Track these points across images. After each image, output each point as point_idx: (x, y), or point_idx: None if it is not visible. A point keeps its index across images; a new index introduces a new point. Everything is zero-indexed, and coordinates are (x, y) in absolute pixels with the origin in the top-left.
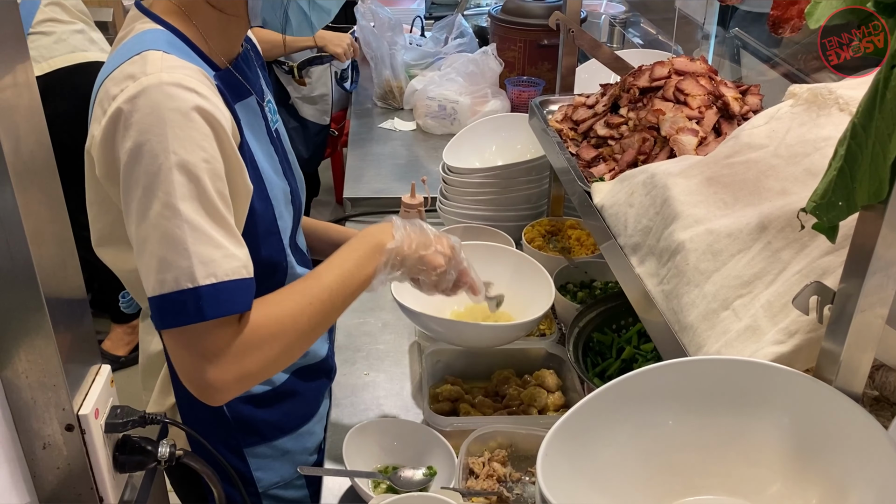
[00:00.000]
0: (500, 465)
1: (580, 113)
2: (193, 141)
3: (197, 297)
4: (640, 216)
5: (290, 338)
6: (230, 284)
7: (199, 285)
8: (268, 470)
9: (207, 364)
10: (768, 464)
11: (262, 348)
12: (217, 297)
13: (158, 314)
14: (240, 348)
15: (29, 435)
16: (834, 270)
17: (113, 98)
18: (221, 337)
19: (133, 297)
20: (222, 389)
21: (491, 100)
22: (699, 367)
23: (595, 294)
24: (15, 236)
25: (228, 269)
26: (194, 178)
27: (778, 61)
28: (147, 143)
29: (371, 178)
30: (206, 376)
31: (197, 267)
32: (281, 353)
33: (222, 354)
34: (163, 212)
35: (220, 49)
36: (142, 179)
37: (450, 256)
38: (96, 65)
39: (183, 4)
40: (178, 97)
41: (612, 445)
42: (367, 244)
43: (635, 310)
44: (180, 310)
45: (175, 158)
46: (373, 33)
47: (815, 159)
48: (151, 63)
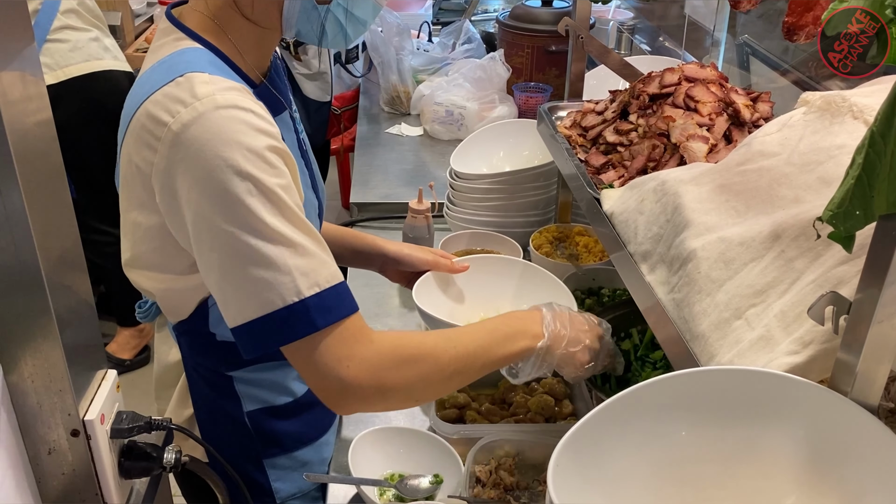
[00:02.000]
0: (508, 474)
1: (589, 119)
2: (261, 159)
3: (305, 309)
4: (651, 223)
5: (430, 368)
6: (333, 290)
7: (305, 297)
8: (286, 481)
9: (339, 368)
10: (783, 476)
11: (401, 367)
12: (324, 305)
13: (265, 335)
14: (378, 359)
15: (34, 440)
16: (849, 280)
17: (165, 124)
18: (353, 344)
19: (163, 311)
20: (360, 394)
21: (498, 105)
22: (713, 378)
23: (603, 301)
24: (23, 240)
25: (328, 275)
26: (273, 195)
27: (788, 68)
28: (217, 170)
29: (378, 183)
30: (340, 379)
31: (300, 279)
32: (419, 379)
33: (359, 360)
34: (250, 233)
35: (254, 63)
36: (219, 206)
37: (598, 350)
38: (110, 73)
39: (218, 18)
40: (237, 118)
41: (624, 456)
42: (518, 328)
43: (645, 318)
44: (292, 324)
45: (251, 179)
46: (380, 38)
47: (828, 167)
48: (200, 86)
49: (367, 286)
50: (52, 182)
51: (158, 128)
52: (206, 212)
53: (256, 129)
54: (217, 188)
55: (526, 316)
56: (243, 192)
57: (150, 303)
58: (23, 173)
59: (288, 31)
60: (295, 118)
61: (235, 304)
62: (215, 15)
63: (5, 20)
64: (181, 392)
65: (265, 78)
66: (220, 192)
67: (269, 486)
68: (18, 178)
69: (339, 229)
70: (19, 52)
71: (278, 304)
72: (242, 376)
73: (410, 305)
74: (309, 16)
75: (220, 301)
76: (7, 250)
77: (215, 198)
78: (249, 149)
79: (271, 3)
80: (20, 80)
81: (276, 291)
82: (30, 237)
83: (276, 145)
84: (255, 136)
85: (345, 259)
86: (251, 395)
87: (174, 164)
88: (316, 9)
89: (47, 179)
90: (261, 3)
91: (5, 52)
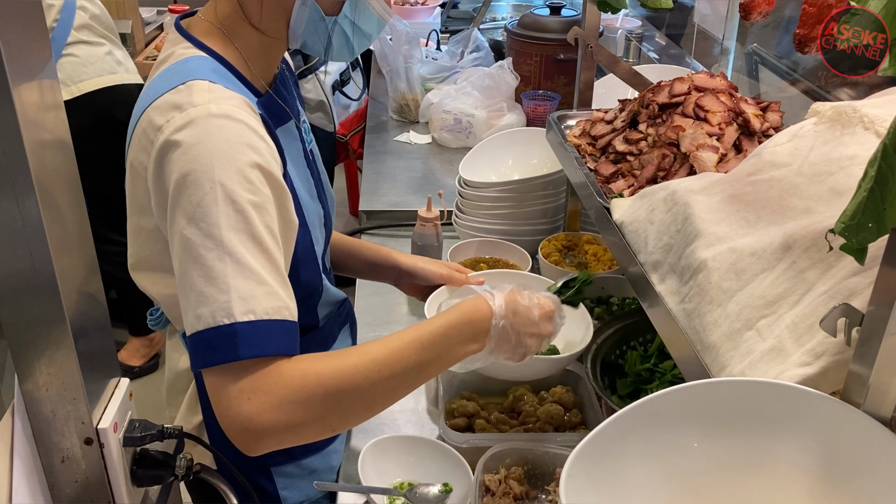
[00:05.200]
0: (517, 483)
1: (598, 128)
2: (242, 174)
3: (233, 334)
4: (661, 233)
5: (347, 397)
6: (270, 323)
7: (237, 322)
8: (294, 489)
9: (246, 403)
10: (795, 488)
11: (311, 400)
12: (254, 336)
13: (193, 352)
14: (282, 393)
15: (48, 448)
16: (861, 291)
17: (159, 128)
18: (261, 378)
19: (170, 318)
20: (263, 431)
21: (507, 114)
22: (725, 389)
23: (612, 310)
24: (38, 249)
25: (269, 307)
26: (241, 210)
27: (797, 77)
28: (192, 174)
29: (387, 191)
30: (243, 417)
31: (235, 302)
32: (334, 410)
33: (262, 394)
34: (205, 243)
35: (260, 72)
36: (187, 210)
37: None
38: (122, 87)
39: (225, 27)
40: (226, 129)
41: (636, 467)
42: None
43: (656, 328)
44: (215, 346)
45: (221, 189)
46: (389, 46)
47: (839, 178)
48: (198, 93)
49: (376, 294)
50: (68, 191)
51: (154, 132)
52: (176, 215)
53: (244, 142)
54: (188, 193)
55: (469, 318)
56: (210, 200)
57: (160, 310)
58: (39, 182)
59: (294, 41)
60: (302, 128)
61: (184, 314)
62: (223, 23)
63: (23, 34)
64: (191, 399)
65: (271, 87)
66: (190, 197)
67: (277, 493)
68: (35, 187)
69: (353, 242)
70: (37, 65)
71: (208, 321)
72: None
73: (419, 314)
74: (316, 27)
75: (181, 309)
76: (23, 259)
77: (185, 202)
78: (230, 160)
79: (279, 12)
80: (38, 92)
81: (209, 308)
82: (46, 246)
83: (260, 163)
84: (241, 149)
85: (359, 271)
86: None
87: (163, 167)
88: (323, 20)
89: (63, 189)
90: (268, 12)
91: (23, 65)
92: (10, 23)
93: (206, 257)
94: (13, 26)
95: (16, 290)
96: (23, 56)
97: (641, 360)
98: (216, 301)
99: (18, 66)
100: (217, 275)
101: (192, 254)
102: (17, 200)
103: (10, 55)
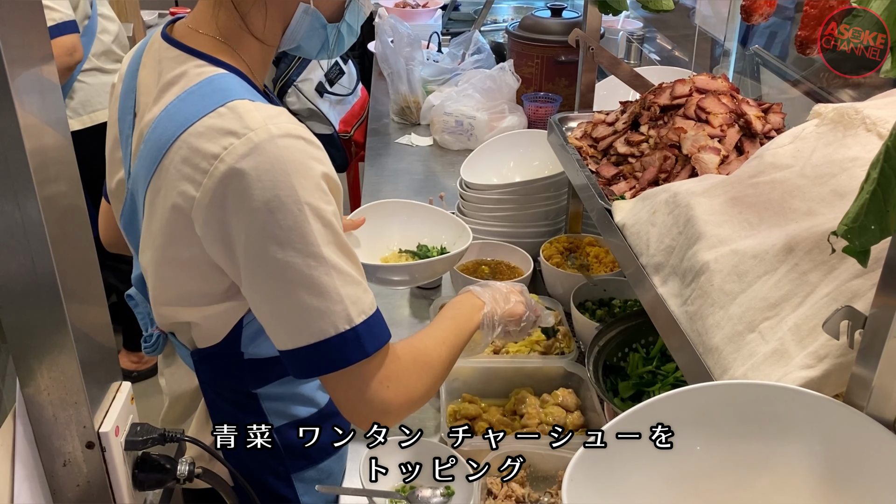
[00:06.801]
0: (519, 486)
1: (600, 130)
2: (318, 188)
3: (356, 336)
4: (663, 235)
5: (436, 370)
6: (376, 316)
7: (356, 325)
8: (314, 494)
9: (384, 391)
10: (797, 491)
11: (422, 376)
12: (371, 332)
13: (309, 364)
14: (406, 374)
15: (50, 452)
16: (864, 294)
17: (216, 156)
18: (389, 365)
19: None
20: (396, 411)
21: (508, 116)
22: (727, 392)
23: (614, 312)
24: (40, 253)
25: (370, 302)
26: (327, 223)
27: (799, 79)
28: (275, 200)
29: (388, 194)
30: (383, 401)
31: (351, 308)
32: (432, 383)
33: (394, 379)
34: (307, 262)
35: (260, 81)
36: (278, 236)
37: (525, 301)
38: None
39: (229, 40)
40: (292, 147)
41: (639, 470)
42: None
43: (658, 330)
44: (342, 351)
45: (309, 209)
46: (391, 49)
47: (842, 180)
48: (248, 115)
49: (378, 296)
50: (69, 194)
51: (206, 161)
52: (262, 241)
53: (311, 156)
54: (277, 219)
55: (464, 298)
56: (302, 222)
57: (156, 336)
58: (40, 185)
59: (287, 45)
60: None
61: (287, 331)
62: (226, 37)
63: (23, 31)
64: (200, 419)
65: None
66: (280, 223)
67: (297, 500)
68: (36, 190)
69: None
70: (37, 66)
71: (330, 332)
72: (269, 392)
73: (421, 316)
74: (316, 33)
75: (269, 326)
76: (24, 263)
77: (275, 228)
78: (306, 178)
79: (280, 22)
80: (39, 94)
81: (329, 320)
82: (47, 250)
83: (326, 172)
84: (310, 164)
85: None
86: (277, 410)
87: (226, 196)
88: (324, 28)
89: (64, 192)
90: (271, 22)
91: (23, 66)
92: (10, 24)
93: (313, 276)
94: (14, 27)
95: (17, 295)
96: (23, 57)
97: (644, 362)
98: (334, 312)
99: (19, 67)
100: (328, 289)
101: (296, 275)
102: (18, 204)
103: (11, 56)
